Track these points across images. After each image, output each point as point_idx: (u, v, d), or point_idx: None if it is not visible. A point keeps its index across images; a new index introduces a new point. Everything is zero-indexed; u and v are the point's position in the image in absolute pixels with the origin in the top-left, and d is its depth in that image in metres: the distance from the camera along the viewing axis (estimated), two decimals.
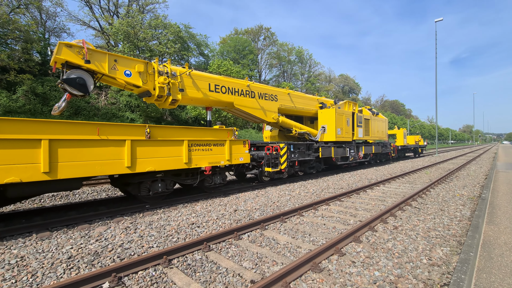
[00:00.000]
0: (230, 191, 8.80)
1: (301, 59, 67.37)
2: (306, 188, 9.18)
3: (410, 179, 11.50)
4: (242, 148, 8.64)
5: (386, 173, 13.58)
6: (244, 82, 10.02)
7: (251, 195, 8.13)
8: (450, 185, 9.87)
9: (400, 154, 23.35)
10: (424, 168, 15.77)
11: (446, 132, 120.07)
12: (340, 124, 13.36)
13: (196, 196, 7.91)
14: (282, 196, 7.87)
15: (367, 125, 16.22)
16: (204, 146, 7.53)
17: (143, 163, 6.28)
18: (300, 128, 12.62)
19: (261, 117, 10.63)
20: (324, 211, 6.22)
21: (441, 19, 28.21)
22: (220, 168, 8.42)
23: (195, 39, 47.19)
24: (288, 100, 11.99)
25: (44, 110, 28.24)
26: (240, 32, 60.75)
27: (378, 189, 9.14)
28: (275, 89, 11.50)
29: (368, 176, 12.37)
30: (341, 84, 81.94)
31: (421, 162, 20.08)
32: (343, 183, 10.19)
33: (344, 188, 9.32)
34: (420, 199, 7.45)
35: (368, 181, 10.94)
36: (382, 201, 7.36)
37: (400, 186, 9.74)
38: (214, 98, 8.91)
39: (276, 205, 6.76)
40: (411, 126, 67.29)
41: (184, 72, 8.02)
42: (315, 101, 13.87)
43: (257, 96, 10.42)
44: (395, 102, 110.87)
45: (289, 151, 10.41)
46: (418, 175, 13.01)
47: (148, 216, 6.11)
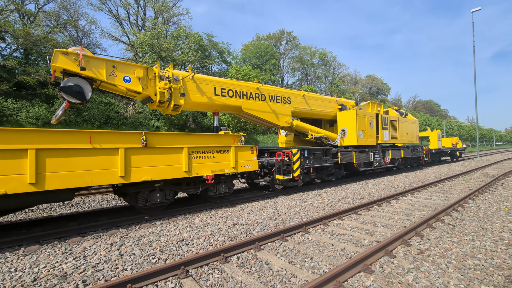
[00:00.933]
0: (238, 201, 8.24)
1: (325, 61, 65.60)
2: (321, 198, 8.33)
3: (445, 188, 10.09)
4: (250, 154, 8.06)
5: (417, 180, 12.15)
6: (253, 84, 9.49)
7: (259, 205, 7.49)
8: (494, 195, 8.41)
9: (434, 159, 21.22)
10: (462, 174, 13.97)
11: (490, 133, 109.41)
12: (362, 126, 12.27)
13: (200, 206, 7.45)
14: (291, 208, 7.13)
15: (394, 127, 14.83)
16: (206, 153, 7.07)
17: (139, 172, 5.95)
18: (317, 132, 11.76)
19: (272, 121, 10.00)
20: (336, 227, 5.40)
21: (478, 8, 25.60)
22: (226, 177, 7.90)
23: (217, 47, 47.98)
24: (303, 103, 11.23)
25: (78, 121, 30.02)
26: (262, 38, 60.81)
27: (405, 200, 8.01)
28: (288, 91, 10.82)
29: (395, 183, 11.11)
30: (368, 85, 78.38)
31: (459, 167, 17.98)
32: (364, 192, 9.15)
33: (364, 198, 8.31)
34: (456, 213, 6.29)
35: (394, 189, 9.75)
36: (407, 215, 6.32)
37: (432, 196, 8.48)
38: (220, 102, 8.48)
39: (281, 219, 6.05)
40: (448, 128, 62.08)
41: (187, 76, 7.68)
42: (333, 103, 12.93)
43: (267, 99, 9.82)
44: (429, 102, 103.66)
45: (303, 157, 9.62)
46: (454, 182, 11.45)
47: (144, 229, 5.73)
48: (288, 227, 5.06)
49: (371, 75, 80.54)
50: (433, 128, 59.53)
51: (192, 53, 29.29)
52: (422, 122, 58.25)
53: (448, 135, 59.89)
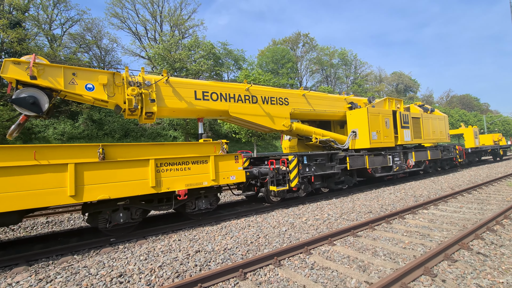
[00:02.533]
0: (226, 217, 7.26)
1: (345, 61, 62.92)
2: (321, 212, 7.05)
3: (481, 196, 8.24)
4: (234, 164, 7.07)
5: (446, 186, 10.27)
6: (241, 85, 8.56)
7: (243, 223, 6.43)
8: None
9: (471, 159, 18.53)
10: (506, 176, 11.71)
11: None
12: (375, 126, 10.75)
13: (181, 225, 6.59)
14: (279, 226, 5.98)
15: (417, 125, 12.97)
16: (179, 164, 6.20)
17: (93, 190, 5.22)
18: (323, 135, 10.45)
19: (267, 125, 8.94)
20: (320, 257, 4.18)
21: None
22: (208, 190, 6.96)
23: (232, 54, 48.03)
24: (304, 103, 10.04)
25: (99, 134, 31.17)
26: (278, 42, 60.04)
27: (425, 214, 6.46)
28: (285, 90, 9.72)
29: (418, 191, 9.40)
30: (395, 82, 73.75)
31: (502, 169, 15.38)
32: (376, 204, 7.68)
33: (374, 211, 6.89)
34: (491, 234, 4.73)
35: (415, 199, 8.14)
36: (423, 237, 4.88)
37: (462, 208, 6.82)
38: (202, 107, 7.64)
39: (258, 243, 4.95)
40: (490, 123, 55.94)
41: (160, 80, 6.96)
42: (341, 102, 11.55)
43: (260, 101, 8.81)
44: (466, 96, 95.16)
45: (302, 164, 8.40)
46: (495, 188, 9.44)
47: (100, 255, 4.97)
48: (256, 257, 3.97)
49: (397, 72, 75.86)
50: (472, 124, 54.00)
51: (204, 62, 29.22)
52: (457, 118, 53.14)
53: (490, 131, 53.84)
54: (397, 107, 12.97)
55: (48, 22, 32.95)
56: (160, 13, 40.28)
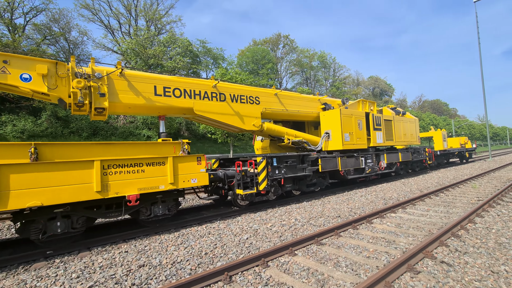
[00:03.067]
0: (187, 223, 6.68)
1: (324, 63, 64.04)
2: (289, 217, 6.69)
3: (448, 198, 8.29)
4: (196, 166, 6.52)
5: (415, 188, 10.35)
6: (208, 82, 8.03)
7: (203, 231, 5.90)
8: (510, 208, 6.61)
9: (440, 161, 19.21)
10: (471, 179, 12.07)
11: (503, 131, 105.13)
12: (348, 128, 10.62)
13: (134, 233, 5.92)
14: (241, 234, 5.52)
15: (389, 127, 13.09)
16: (131, 166, 5.57)
17: (22, 196, 4.47)
18: (295, 136, 10.15)
19: (236, 124, 8.47)
20: (277, 270, 3.77)
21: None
22: (166, 195, 6.36)
23: (211, 53, 47.11)
24: (276, 102, 9.68)
25: (65, 133, 29.13)
26: (259, 43, 59.85)
27: (393, 218, 6.30)
28: (256, 89, 9.30)
29: (388, 194, 9.35)
30: (371, 86, 76.22)
31: (468, 170, 16.00)
32: (345, 208, 7.46)
33: (342, 216, 6.63)
34: (455, 240, 4.57)
35: (384, 202, 8.02)
36: (389, 244, 4.63)
37: (429, 211, 6.74)
38: (163, 104, 7.02)
39: (212, 255, 4.45)
40: (457, 127, 59.26)
41: (112, 72, 6.26)
42: (315, 102, 11.34)
43: (228, 99, 8.32)
44: (436, 101, 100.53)
45: (271, 166, 8.02)
46: (461, 190, 9.62)
47: (26, 272, 4.24)
48: (204, 273, 3.48)
49: (374, 76, 78.49)
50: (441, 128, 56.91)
51: (180, 59, 28.22)
52: (428, 122, 55.77)
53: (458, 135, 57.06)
54: (371, 109, 13.02)
55: (9, 10, 30.40)
56: (135, 6, 38.55)
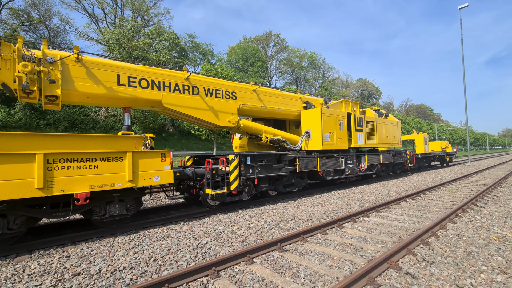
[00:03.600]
0: (150, 224, 6.19)
1: (314, 64, 64.22)
2: (259, 219, 6.32)
3: (424, 202, 8.15)
4: (160, 163, 6.04)
5: (394, 191, 10.22)
6: (180, 73, 7.53)
7: (163, 233, 5.45)
8: (483, 213, 6.49)
9: (421, 164, 19.39)
10: (449, 182, 12.10)
11: (483, 137, 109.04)
12: (328, 128, 10.37)
13: (87, 235, 5.39)
14: (202, 237, 5.10)
15: (371, 129, 12.96)
16: (81, 161, 5.03)
17: None
18: (274, 134, 9.80)
19: (210, 120, 8.02)
20: (227, 283, 3.38)
21: (466, 5, 24.23)
22: (125, 193, 5.85)
23: (200, 48, 46.22)
24: (254, 99, 9.29)
25: (40, 124, 27.80)
26: (249, 40, 59.26)
27: (366, 222, 6.04)
28: (233, 84, 8.87)
29: (365, 196, 9.15)
30: (359, 89, 77.15)
31: (447, 174, 16.16)
32: (319, 210, 7.16)
33: (314, 219, 6.32)
34: (425, 248, 4.32)
35: (360, 205, 7.79)
36: (355, 251, 4.33)
37: (403, 216, 6.53)
38: (127, 95, 6.48)
39: (161, 262, 4.02)
40: (440, 131, 60.82)
41: (67, 57, 5.69)
42: (296, 100, 11.02)
43: (202, 93, 7.86)
44: (422, 106, 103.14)
45: (244, 164, 7.62)
46: (437, 194, 9.54)
47: None
48: (144, 284, 3.04)
49: (362, 79, 79.51)
50: (425, 132, 58.20)
51: (165, 52, 27.35)
52: (413, 125, 56.92)
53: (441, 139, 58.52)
54: (354, 110, 12.83)
55: None
56: None
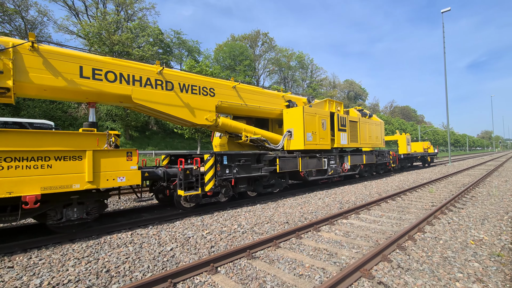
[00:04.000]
0: (116, 228, 5.74)
1: (302, 64, 64.44)
2: (233, 222, 5.98)
3: (404, 203, 8.06)
4: (125, 163, 5.58)
5: (375, 191, 10.13)
6: (152, 67, 7.07)
7: (127, 239, 5.01)
8: (461, 215, 6.42)
9: (404, 164, 19.62)
10: (430, 183, 12.18)
11: (463, 138, 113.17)
12: (311, 127, 10.15)
13: (43, 241, 4.88)
14: (168, 243, 4.71)
15: (355, 129, 12.89)
16: (32, 160, 4.53)
17: None
18: (254, 133, 9.48)
19: (185, 117, 7.61)
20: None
21: (448, 9, 24.78)
22: (85, 195, 5.37)
23: (186, 45, 45.33)
24: (234, 96, 8.93)
25: None
26: (237, 38, 58.72)
27: (344, 224, 5.82)
28: (211, 80, 8.47)
29: (346, 197, 8.99)
30: (346, 89, 78.15)
31: (428, 174, 16.37)
32: (298, 212, 6.90)
33: (291, 221, 6.05)
34: (400, 253, 4.12)
35: (340, 206, 7.60)
36: (330, 257, 4.07)
37: (382, 217, 6.37)
38: (91, 88, 5.98)
39: (114, 273, 3.61)
40: (423, 132, 62.48)
41: (20, 45, 5.14)
42: (279, 99, 10.75)
43: (177, 88, 7.43)
44: (406, 108, 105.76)
45: (220, 164, 7.26)
46: (417, 194, 9.51)
47: None
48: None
49: (349, 80, 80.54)
50: (409, 133, 59.65)
51: (148, 48, 26.49)
52: (397, 126, 58.18)
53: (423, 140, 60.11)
54: (337, 109, 12.71)
55: None
56: None
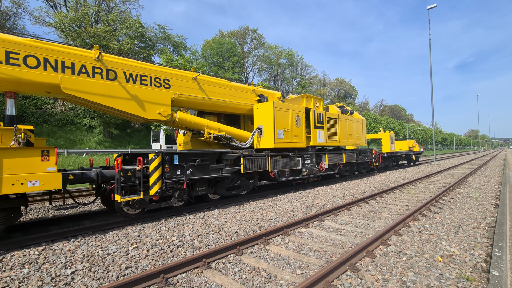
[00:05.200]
0: (37, 240, 4.82)
1: (292, 61, 63.73)
2: (174, 233, 5.14)
3: (377, 206, 7.38)
4: (40, 163, 4.66)
5: (350, 193, 9.45)
6: (90, 52, 6.12)
7: (33, 256, 4.11)
8: (435, 221, 5.75)
9: (387, 163, 19.11)
10: (411, 182, 11.61)
11: (450, 137, 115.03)
12: (283, 123, 9.38)
13: None
14: (73, 264, 3.83)
15: (333, 126, 12.18)
16: None
17: None
18: (219, 130, 8.64)
19: (132, 112, 6.69)
20: None
21: (434, 5, 24.41)
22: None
23: (172, 40, 43.97)
24: (195, 89, 8.05)
25: None
26: (226, 35, 57.52)
27: (302, 234, 5.06)
28: (165, 70, 7.56)
29: (317, 200, 8.26)
30: (337, 88, 77.97)
31: (411, 174, 15.87)
32: (255, 219, 6.11)
33: (242, 231, 5.25)
34: (351, 276, 3.36)
35: (306, 211, 6.85)
36: (266, 281, 3.28)
37: (348, 225, 5.64)
38: (4, 75, 5.02)
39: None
40: (411, 131, 62.82)
41: None
42: (249, 93, 9.92)
43: (122, 78, 6.51)
44: (395, 106, 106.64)
45: (169, 165, 6.39)
46: (394, 196, 8.87)
47: None
48: None
49: (339, 78, 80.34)
50: (398, 132, 59.82)
51: (126, 41, 25.21)
52: (385, 125, 58.25)
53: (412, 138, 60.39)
54: (316, 105, 12.00)
55: None
56: None
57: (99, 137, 30.47)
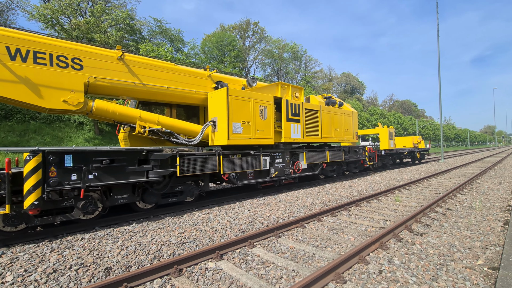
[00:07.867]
0: None
1: (295, 55, 61.36)
2: (33, 264, 3.63)
3: (344, 222, 5.63)
4: None
5: (322, 200, 7.68)
6: None
7: None
8: (410, 251, 3.99)
9: (385, 162, 17.07)
10: (406, 185, 9.73)
11: (465, 133, 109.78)
12: (241, 115, 7.74)
13: None
14: None
15: (313, 119, 10.40)
16: None
17: None
18: (158, 122, 7.07)
19: (21, 99, 5.23)
20: None
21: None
22: None
23: (168, 34, 42.60)
24: (121, 72, 6.50)
25: None
26: (227, 28, 55.77)
27: (202, 274, 3.43)
28: (74, 46, 5.99)
29: (272, 210, 6.57)
30: (343, 83, 75.01)
31: (410, 174, 13.88)
32: (163, 240, 4.50)
33: (130, 261, 3.67)
34: None
35: (244, 228, 5.18)
36: None
37: (285, 254, 3.96)
38: None
39: None
40: (422, 127, 59.58)
41: None
42: (203, 79, 8.30)
43: (3, 54, 5.02)
44: (406, 102, 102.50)
45: (58, 167, 4.84)
46: (376, 205, 7.08)
47: None
48: None
49: (346, 73, 77.32)
50: (406, 128, 56.76)
51: (111, 33, 23.95)
52: (393, 121, 55.31)
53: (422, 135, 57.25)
54: (296, 96, 10.23)
55: None
56: None
57: (89, 134, 29.63)
